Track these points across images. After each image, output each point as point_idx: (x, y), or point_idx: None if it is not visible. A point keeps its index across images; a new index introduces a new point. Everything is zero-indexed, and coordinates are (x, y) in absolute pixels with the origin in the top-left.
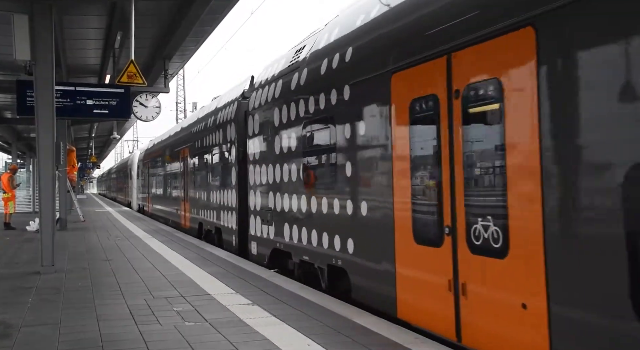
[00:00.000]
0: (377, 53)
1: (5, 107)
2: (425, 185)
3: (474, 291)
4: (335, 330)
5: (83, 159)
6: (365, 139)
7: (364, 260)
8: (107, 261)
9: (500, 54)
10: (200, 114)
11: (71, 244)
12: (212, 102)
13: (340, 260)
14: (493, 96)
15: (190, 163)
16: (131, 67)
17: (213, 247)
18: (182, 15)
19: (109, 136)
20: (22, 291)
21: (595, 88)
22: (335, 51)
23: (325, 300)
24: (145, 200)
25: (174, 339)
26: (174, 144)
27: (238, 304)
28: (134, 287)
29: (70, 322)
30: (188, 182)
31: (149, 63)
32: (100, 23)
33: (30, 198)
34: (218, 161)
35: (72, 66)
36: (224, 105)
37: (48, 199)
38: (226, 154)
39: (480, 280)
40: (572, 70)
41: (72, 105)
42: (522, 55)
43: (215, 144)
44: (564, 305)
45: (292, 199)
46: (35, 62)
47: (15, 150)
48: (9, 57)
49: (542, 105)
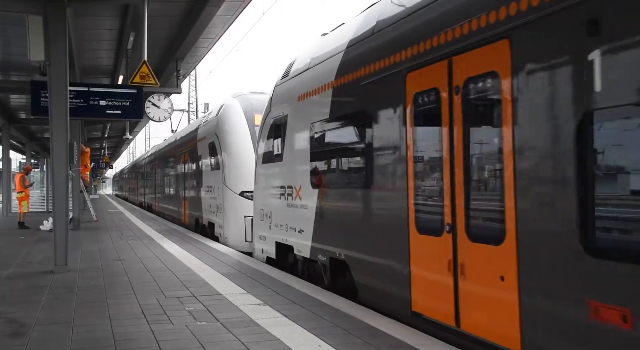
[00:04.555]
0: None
1: (20, 107)
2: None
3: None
4: (347, 331)
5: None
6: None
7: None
8: (120, 261)
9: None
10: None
11: (84, 243)
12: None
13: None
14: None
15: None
16: (144, 68)
17: (225, 247)
18: (194, 17)
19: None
20: (36, 290)
21: (551, 90)
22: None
23: (336, 301)
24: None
25: (185, 338)
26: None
27: (249, 304)
28: (146, 287)
29: (83, 321)
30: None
31: (161, 64)
32: (114, 24)
33: (44, 197)
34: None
35: (86, 67)
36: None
37: (62, 199)
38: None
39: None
40: (536, 75)
41: (86, 105)
42: (502, 62)
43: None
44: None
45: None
46: (50, 63)
47: (30, 150)
48: (24, 58)
49: (514, 105)
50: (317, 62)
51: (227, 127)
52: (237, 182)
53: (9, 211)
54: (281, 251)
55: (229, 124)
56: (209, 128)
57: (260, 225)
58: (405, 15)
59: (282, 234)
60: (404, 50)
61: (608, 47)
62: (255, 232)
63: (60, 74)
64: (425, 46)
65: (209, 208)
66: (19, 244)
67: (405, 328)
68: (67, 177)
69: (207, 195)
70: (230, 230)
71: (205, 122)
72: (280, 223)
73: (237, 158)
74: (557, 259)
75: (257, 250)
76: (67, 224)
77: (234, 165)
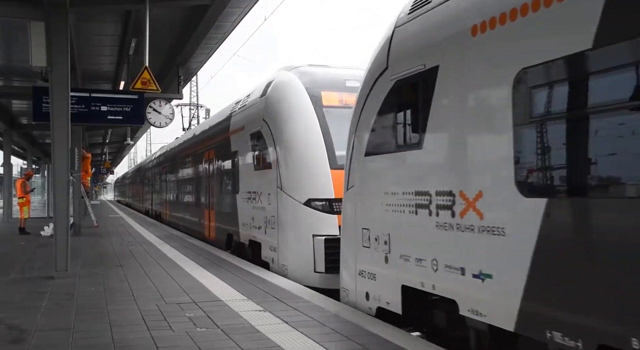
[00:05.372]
0: None
1: (21, 113)
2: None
3: None
4: (347, 338)
5: (97, 165)
6: None
7: None
8: (120, 267)
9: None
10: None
11: (85, 249)
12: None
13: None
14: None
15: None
16: (145, 74)
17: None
18: (196, 23)
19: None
20: (36, 296)
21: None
22: None
23: (336, 308)
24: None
25: (185, 345)
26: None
27: (250, 311)
28: (146, 293)
29: (83, 327)
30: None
31: (162, 69)
32: (115, 30)
33: (45, 203)
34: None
35: (87, 73)
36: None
37: (62, 205)
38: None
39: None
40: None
41: (87, 111)
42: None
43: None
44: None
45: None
46: (51, 69)
47: (31, 156)
48: (26, 63)
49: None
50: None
51: (283, 110)
52: (301, 186)
53: (9, 217)
54: (414, 302)
55: (287, 105)
56: (251, 114)
57: (363, 254)
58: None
59: (420, 275)
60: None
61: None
62: (347, 263)
63: (62, 80)
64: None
65: (250, 221)
66: (19, 249)
67: (407, 335)
68: (68, 182)
69: (248, 204)
70: (291, 256)
71: (243, 108)
72: (413, 254)
73: (301, 153)
74: None
75: (352, 292)
76: (67, 229)
77: (297, 163)
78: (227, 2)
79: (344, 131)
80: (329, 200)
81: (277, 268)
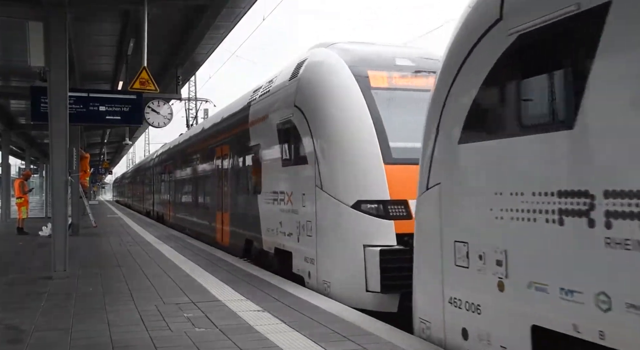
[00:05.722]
0: None
1: (20, 113)
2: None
3: None
4: (346, 338)
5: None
6: None
7: None
8: (118, 267)
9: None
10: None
11: (83, 249)
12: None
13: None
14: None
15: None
16: (143, 74)
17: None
18: (194, 23)
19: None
20: (34, 296)
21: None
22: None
23: (335, 308)
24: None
25: (184, 345)
26: None
27: (248, 311)
28: (145, 293)
29: (82, 327)
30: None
31: (161, 70)
32: (114, 30)
33: (43, 203)
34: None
35: (86, 73)
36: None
37: (61, 205)
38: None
39: None
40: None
41: (85, 111)
42: None
43: None
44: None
45: None
46: (50, 69)
47: (29, 156)
48: (24, 63)
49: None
50: None
51: (322, 93)
52: (348, 185)
53: (8, 217)
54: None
55: (326, 87)
56: (278, 100)
57: (455, 276)
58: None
59: (572, 314)
60: None
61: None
62: (426, 286)
63: (60, 80)
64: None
65: (277, 227)
66: (17, 249)
67: (407, 335)
68: (66, 182)
69: (274, 206)
70: (335, 270)
71: (265, 95)
72: (556, 283)
73: (348, 144)
74: None
75: (438, 325)
76: (66, 229)
77: (342, 157)
78: (226, 2)
79: (398, 118)
80: (383, 202)
81: (315, 284)
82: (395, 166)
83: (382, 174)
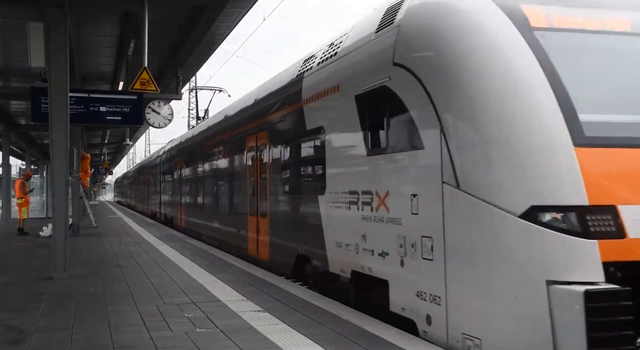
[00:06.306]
0: None
1: (20, 113)
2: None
3: None
4: (347, 338)
5: (96, 165)
6: None
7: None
8: (119, 267)
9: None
10: None
11: (84, 249)
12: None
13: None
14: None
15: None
16: (144, 74)
17: (224, 254)
18: (195, 24)
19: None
20: (35, 297)
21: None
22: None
23: (336, 308)
24: None
25: (185, 345)
26: None
27: (249, 311)
28: (146, 293)
29: (82, 327)
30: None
31: (161, 70)
32: (114, 31)
33: (43, 204)
34: None
35: (86, 73)
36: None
37: (61, 205)
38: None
39: None
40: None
41: (86, 111)
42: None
43: None
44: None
45: None
46: (50, 69)
47: (29, 157)
48: (24, 64)
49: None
50: None
51: (453, 40)
52: (513, 182)
53: (8, 217)
54: None
55: (460, 30)
56: (358, 62)
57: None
58: None
59: None
60: None
61: None
62: None
63: (61, 80)
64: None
65: (358, 241)
66: (18, 250)
67: (407, 336)
68: (66, 183)
69: (349, 212)
70: (491, 320)
71: (331, 60)
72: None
73: (508, 118)
74: None
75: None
76: (66, 230)
77: (501, 137)
78: (226, 3)
79: (589, 77)
80: (578, 210)
81: (440, 336)
82: (593, 150)
83: (573, 163)
